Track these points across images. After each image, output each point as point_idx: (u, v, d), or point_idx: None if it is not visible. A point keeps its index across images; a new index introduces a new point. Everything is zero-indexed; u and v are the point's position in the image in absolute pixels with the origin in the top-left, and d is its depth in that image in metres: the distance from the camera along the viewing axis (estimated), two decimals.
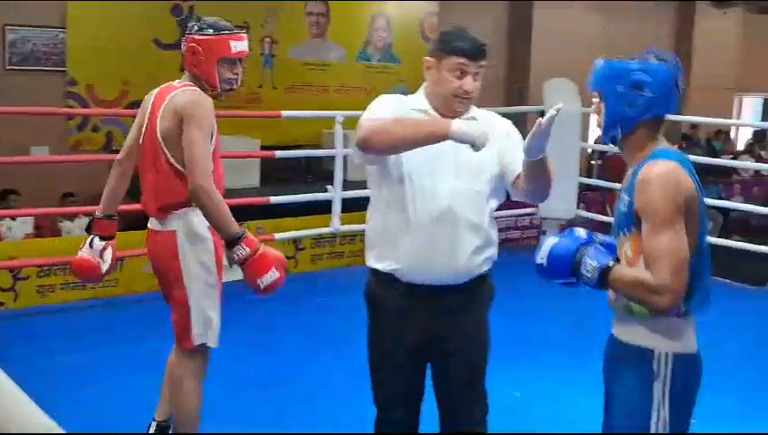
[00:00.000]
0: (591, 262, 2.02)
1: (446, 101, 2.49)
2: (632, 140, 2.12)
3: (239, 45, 3.01)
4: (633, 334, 2.10)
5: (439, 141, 2.33)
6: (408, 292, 2.49)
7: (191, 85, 3.01)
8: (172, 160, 2.92)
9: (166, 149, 2.92)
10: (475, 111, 2.59)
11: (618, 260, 2.07)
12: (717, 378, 3.58)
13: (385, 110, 2.48)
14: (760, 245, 6.43)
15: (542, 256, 2.11)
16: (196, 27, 3.03)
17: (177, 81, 3.08)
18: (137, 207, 7.50)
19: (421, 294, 2.47)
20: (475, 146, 2.28)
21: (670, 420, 2.04)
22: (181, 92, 2.96)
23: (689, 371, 2.08)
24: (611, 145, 2.17)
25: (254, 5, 9.68)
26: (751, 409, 3.91)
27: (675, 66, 2.14)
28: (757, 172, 13.14)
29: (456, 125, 2.29)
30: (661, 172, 2.00)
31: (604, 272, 2.00)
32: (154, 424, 3.20)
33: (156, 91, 3.12)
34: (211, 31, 2.99)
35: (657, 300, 1.97)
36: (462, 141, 2.29)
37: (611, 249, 2.10)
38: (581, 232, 2.13)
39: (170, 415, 3.15)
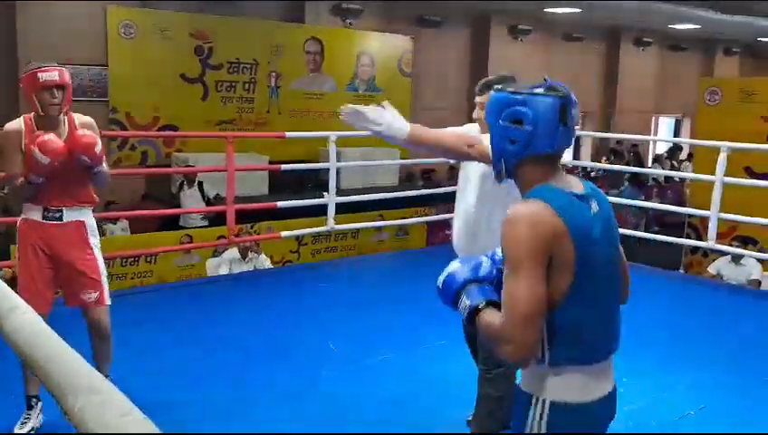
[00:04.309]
0: (465, 301, 1.63)
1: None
2: (521, 176, 1.62)
3: (46, 76, 2.77)
4: (523, 378, 1.68)
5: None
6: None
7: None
8: None
9: None
10: None
11: (492, 302, 1.61)
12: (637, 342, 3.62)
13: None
14: (673, 237, 6.50)
15: (439, 281, 1.70)
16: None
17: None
18: (167, 211, 7.49)
19: None
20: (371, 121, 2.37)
21: None
22: None
23: (566, 420, 1.59)
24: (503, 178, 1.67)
25: (262, 46, 9.68)
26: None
27: (563, 97, 1.56)
28: (669, 178, 13.30)
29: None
30: (518, 213, 1.52)
31: (473, 312, 1.61)
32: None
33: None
34: (31, 68, 2.80)
35: (504, 349, 1.52)
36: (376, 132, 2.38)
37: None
38: (482, 265, 1.69)
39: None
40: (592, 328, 1.58)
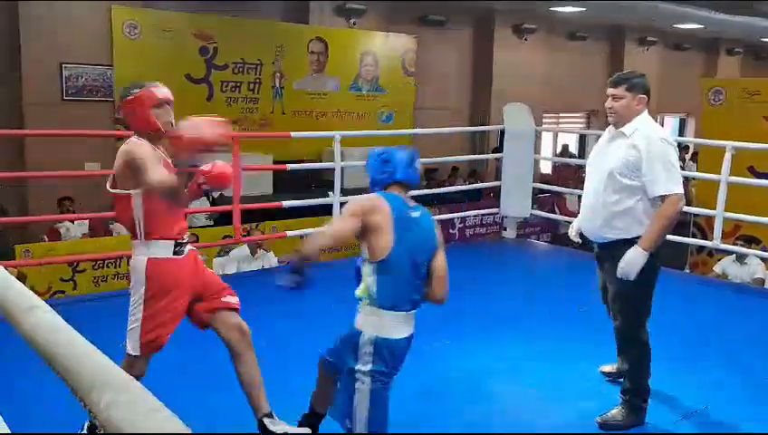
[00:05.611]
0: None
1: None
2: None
3: (162, 92, 2.74)
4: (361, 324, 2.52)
5: None
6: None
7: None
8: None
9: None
10: (635, 122, 2.96)
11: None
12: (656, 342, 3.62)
13: None
14: (679, 236, 6.46)
15: None
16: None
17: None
18: None
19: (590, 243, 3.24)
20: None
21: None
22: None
23: (387, 350, 2.45)
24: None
25: (266, 46, 9.68)
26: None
27: (411, 153, 2.56)
28: None
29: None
30: (363, 195, 2.52)
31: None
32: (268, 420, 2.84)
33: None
34: (137, 90, 2.71)
35: (318, 240, 2.52)
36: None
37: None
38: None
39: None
40: (397, 285, 2.42)
